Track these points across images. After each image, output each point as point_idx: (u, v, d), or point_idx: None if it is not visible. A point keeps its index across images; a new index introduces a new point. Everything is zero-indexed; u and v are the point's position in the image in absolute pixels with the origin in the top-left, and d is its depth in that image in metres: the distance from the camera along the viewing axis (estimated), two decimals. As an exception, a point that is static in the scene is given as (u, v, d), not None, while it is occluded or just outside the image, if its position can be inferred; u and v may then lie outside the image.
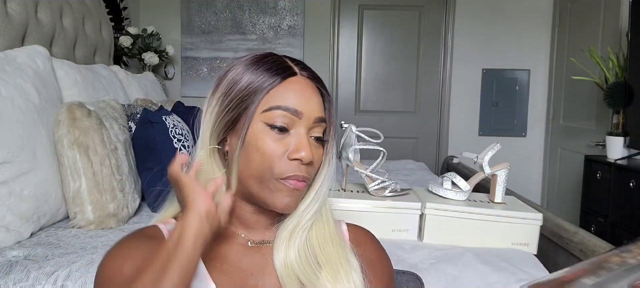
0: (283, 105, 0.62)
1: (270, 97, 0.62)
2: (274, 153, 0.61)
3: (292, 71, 0.65)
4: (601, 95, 2.49)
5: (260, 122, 0.62)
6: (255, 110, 0.62)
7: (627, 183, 2.12)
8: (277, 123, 0.62)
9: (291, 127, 0.63)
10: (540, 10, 3.48)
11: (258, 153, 0.62)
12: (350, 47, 3.64)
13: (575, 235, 1.24)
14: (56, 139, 1.40)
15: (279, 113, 0.62)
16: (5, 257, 1.16)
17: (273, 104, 0.62)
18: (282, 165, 0.62)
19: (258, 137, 0.62)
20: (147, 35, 3.16)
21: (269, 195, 0.63)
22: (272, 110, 0.62)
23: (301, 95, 0.63)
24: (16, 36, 1.72)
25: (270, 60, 0.65)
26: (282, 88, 0.63)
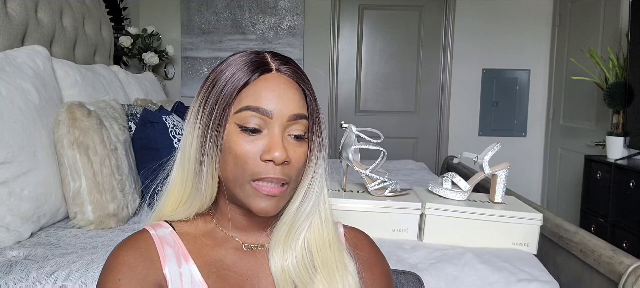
0: (253, 105, 0.60)
1: (242, 96, 0.61)
2: (247, 155, 0.60)
3: (267, 67, 0.62)
4: (601, 95, 2.49)
5: (233, 124, 0.61)
6: (229, 112, 0.61)
7: (627, 183, 2.12)
8: (248, 124, 0.60)
9: (264, 128, 0.60)
10: (540, 10, 3.48)
11: (232, 156, 0.60)
12: (350, 47, 3.64)
13: (575, 235, 1.24)
14: (56, 139, 1.40)
15: (250, 114, 0.60)
16: (5, 257, 1.16)
17: (244, 104, 0.60)
18: (255, 167, 0.60)
19: (231, 139, 0.60)
20: (147, 35, 3.16)
21: (246, 199, 0.61)
22: (243, 111, 0.60)
23: (273, 93, 0.61)
24: (16, 36, 1.72)
25: (248, 58, 0.63)
26: (254, 86, 0.61)
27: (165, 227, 0.65)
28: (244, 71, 0.61)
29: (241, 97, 0.61)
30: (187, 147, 0.64)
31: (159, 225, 0.66)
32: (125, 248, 0.61)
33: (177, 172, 0.66)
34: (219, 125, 0.61)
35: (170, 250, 0.62)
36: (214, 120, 0.61)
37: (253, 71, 0.61)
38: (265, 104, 0.60)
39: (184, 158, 0.64)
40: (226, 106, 0.60)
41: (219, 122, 0.61)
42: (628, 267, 1.02)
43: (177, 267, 0.61)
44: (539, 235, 1.29)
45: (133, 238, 0.63)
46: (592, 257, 1.14)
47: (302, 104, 0.63)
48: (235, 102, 0.61)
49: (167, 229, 0.65)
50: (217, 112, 0.61)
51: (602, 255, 1.11)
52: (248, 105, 0.60)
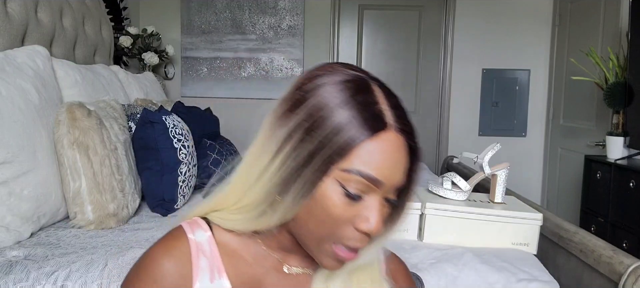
0: (363, 172, 0.52)
1: (353, 155, 0.52)
2: (340, 218, 0.53)
3: (383, 123, 0.53)
4: (601, 95, 2.49)
5: (333, 179, 0.53)
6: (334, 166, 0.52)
7: (627, 183, 2.12)
8: (351, 189, 0.52)
9: (366, 193, 0.53)
10: (540, 10, 3.48)
11: (322, 212, 0.53)
12: (350, 47, 3.63)
13: (575, 235, 1.24)
14: (56, 139, 1.40)
15: (357, 179, 0.52)
16: (5, 257, 1.16)
17: (353, 167, 0.52)
18: (345, 232, 0.54)
19: (327, 195, 0.53)
20: (147, 35, 3.16)
21: (317, 253, 0.56)
22: (351, 173, 0.52)
23: (387, 161, 0.53)
24: (16, 36, 1.72)
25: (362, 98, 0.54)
26: (369, 147, 0.52)
27: (204, 229, 0.61)
28: (360, 121, 0.52)
29: (351, 156, 0.52)
30: (262, 164, 0.55)
31: (198, 225, 0.61)
32: (160, 255, 0.58)
33: (240, 180, 0.59)
34: (318, 172, 0.52)
35: (204, 262, 0.59)
36: (313, 167, 0.52)
37: (369, 125, 0.52)
38: (377, 173, 0.52)
39: (253, 173, 0.56)
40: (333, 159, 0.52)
41: (319, 170, 0.52)
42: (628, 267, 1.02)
43: (209, 282, 0.58)
44: (539, 235, 1.29)
45: (171, 242, 0.59)
46: (592, 257, 1.14)
47: (407, 171, 0.56)
48: (344, 159, 0.52)
49: (205, 233, 0.60)
50: (320, 159, 0.52)
51: (602, 255, 1.11)
52: (359, 171, 0.52)
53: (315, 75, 0.56)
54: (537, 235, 1.29)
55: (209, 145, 1.93)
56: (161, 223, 1.53)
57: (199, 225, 0.61)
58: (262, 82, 3.60)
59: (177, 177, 1.70)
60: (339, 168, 0.52)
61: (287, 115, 0.55)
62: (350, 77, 0.56)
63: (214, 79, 3.62)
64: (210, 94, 3.59)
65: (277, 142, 0.54)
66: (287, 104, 0.56)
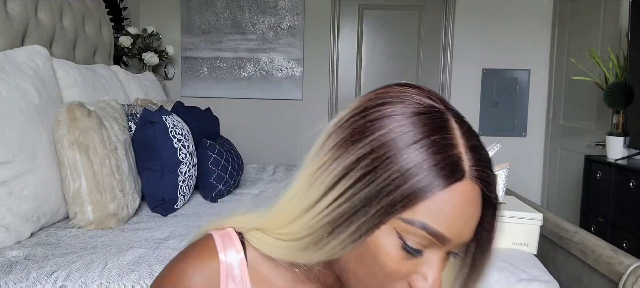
0: (429, 227, 0.44)
1: (420, 206, 0.44)
2: (394, 272, 0.46)
3: (460, 171, 0.45)
4: (601, 95, 2.49)
5: (392, 228, 0.45)
6: (394, 211, 0.44)
7: (627, 183, 2.12)
8: (411, 242, 0.45)
9: (426, 248, 0.46)
10: (540, 10, 3.48)
11: (374, 263, 0.46)
12: (350, 47, 3.63)
13: (575, 235, 1.24)
14: (56, 139, 1.40)
15: (421, 233, 0.45)
16: (5, 257, 1.16)
17: (417, 219, 0.44)
18: (395, 285, 0.47)
19: (381, 246, 0.45)
20: (147, 35, 3.16)
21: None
22: (414, 225, 0.44)
23: (459, 216, 0.45)
24: (16, 36, 1.72)
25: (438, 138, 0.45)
26: (440, 199, 0.44)
27: (238, 249, 0.55)
28: (432, 174, 0.44)
29: (418, 206, 0.44)
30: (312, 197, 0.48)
31: (231, 242, 0.55)
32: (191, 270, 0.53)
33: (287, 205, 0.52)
34: (374, 220, 0.45)
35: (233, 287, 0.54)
36: (369, 213, 0.45)
37: (444, 174, 0.44)
38: (445, 228, 0.45)
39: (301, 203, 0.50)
40: (395, 209, 0.44)
41: (377, 217, 0.45)
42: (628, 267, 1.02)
43: None
44: (539, 235, 1.29)
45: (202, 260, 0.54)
46: (592, 257, 1.14)
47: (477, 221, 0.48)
48: (409, 209, 0.45)
49: (238, 254, 0.55)
50: (379, 206, 0.45)
51: (602, 255, 1.11)
52: (424, 224, 0.44)
53: (383, 101, 0.48)
54: (537, 235, 1.29)
55: (209, 145, 1.93)
56: (161, 223, 1.53)
57: (232, 242, 0.55)
58: (262, 82, 3.60)
59: (177, 177, 1.70)
60: (401, 217, 0.45)
61: (346, 145, 0.47)
62: (424, 108, 0.47)
63: (214, 79, 3.62)
64: (210, 94, 3.59)
65: (331, 176, 0.47)
66: (348, 130, 0.48)
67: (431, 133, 0.45)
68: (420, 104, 0.47)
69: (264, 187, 2.19)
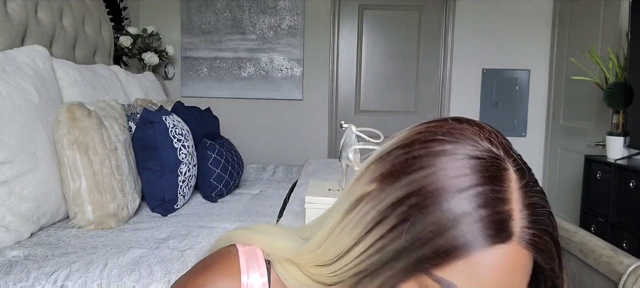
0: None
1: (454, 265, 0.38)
2: None
3: (507, 233, 0.38)
4: (601, 95, 2.49)
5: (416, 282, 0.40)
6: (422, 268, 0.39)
7: (627, 183, 2.12)
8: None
9: None
10: (540, 10, 3.48)
11: None
12: (350, 47, 3.63)
13: (575, 235, 1.24)
14: (56, 139, 1.40)
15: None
16: (5, 257, 1.16)
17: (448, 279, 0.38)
18: None
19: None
20: (147, 35, 3.16)
21: None
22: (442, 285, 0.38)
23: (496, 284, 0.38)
24: (16, 36, 1.72)
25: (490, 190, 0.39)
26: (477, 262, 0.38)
27: (261, 274, 0.51)
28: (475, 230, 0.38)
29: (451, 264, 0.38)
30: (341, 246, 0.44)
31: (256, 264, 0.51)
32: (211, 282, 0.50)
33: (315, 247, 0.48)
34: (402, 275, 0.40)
35: None
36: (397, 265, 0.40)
37: (486, 236, 0.38)
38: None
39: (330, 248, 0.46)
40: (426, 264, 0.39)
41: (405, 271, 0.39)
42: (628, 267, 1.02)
43: None
44: (539, 235, 1.29)
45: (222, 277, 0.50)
46: (592, 257, 1.14)
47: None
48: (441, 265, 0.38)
49: (261, 278, 0.51)
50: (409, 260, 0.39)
51: (602, 255, 1.11)
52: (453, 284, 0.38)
53: (433, 138, 0.42)
54: (537, 235, 1.28)
55: (209, 145, 1.93)
56: (161, 223, 1.53)
57: (257, 263, 0.51)
58: (262, 82, 3.60)
59: (177, 177, 1.70)
60: (429, 273, 0.39)
61: (383, 184, 0.42)
62: (479, 152, 0.40)
63: (214, 79, 3.62)
64: (210, 94, 3.59)
65: (365, 222, 0.42)
66: (388, 164, 0.43)
67: (481, 183, 0.39)
68: (475, 146, 0.41)
69: (264, 187, 2.19)
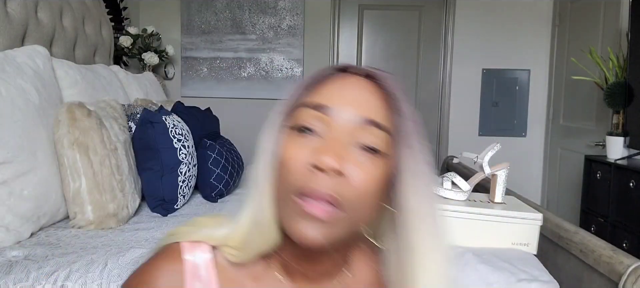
0: (310, 102, 0.49)
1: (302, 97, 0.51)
2: (294, 158, 0.47)
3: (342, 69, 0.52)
4: (601, 95, 2.49)
5: (287, 128, 0.50)
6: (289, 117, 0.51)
7: (627, 183, 2.12)
8: (301, 122, 0.49)
9: (321, 130, 0.48)
10: (540, 10, 3.48)
11: (279, 164, 0.49)
12: (350, 47, 3.63)
13: (575, 235, 1.24)
14: (56, 139, 1.40)
15: (304, 112, 0.49)
16: (5, 257, 1.16)
17: (299, 101, 0.51)
18: (299, 174, 0.47)
19: (282, 145, 0.49)
20: (147, 35, 3.16)
21: (288, 221, 0.48)
22: (298, 108, 0.50)
23: (339, 91, 0.50)
24: (16, 36, 1.72)
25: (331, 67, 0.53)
26: (319, 86, 0.51)
27: (205, 251, 0.54)
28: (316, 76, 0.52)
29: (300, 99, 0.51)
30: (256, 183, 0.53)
31: (199, 246, 0.54)
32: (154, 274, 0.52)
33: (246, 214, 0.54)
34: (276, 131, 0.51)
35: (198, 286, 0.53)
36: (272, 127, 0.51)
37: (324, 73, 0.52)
38: (327, 100, 0.49)
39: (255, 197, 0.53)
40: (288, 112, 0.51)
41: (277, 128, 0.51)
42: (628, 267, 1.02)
43: None
44: (539, 235, 1.29)
45: (166, 262, 0.53)
46: (592, 257, 1.14)
47: (381, 112, 0.49)
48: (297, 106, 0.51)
49: (205, 254, 0.54)
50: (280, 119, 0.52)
51: (602, 255, 1.11)
52: (304, 102, 0.50)
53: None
54: (537, 235, 1.29)
55: (209, 145, 1.93)
56: (161, 223, 1.53)
57: (200, 246, 0.55)
58: (262, 82, 3.60)
59: (177, 177, 1.70)
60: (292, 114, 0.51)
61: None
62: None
63: (214, 79, 3.62)
64: (210, 94, 3.59)
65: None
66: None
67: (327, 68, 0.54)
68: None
69: (264, 187, 2.19)
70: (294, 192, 0.47)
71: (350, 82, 0.50)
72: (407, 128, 0.50)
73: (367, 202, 0.48)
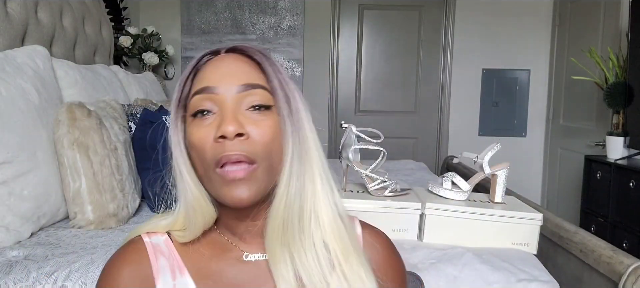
0: (198, 88, 0.57)
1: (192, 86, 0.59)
2: (202, 140, 0.55)
3: (214, 52, 0.61)
4: (601, 95, 2.49)
5: (187, 116, 0.58)
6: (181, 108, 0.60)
7: (627, 183, 2.12)
8: (197, 108, 0.56)
9: (215, 109, 0.56)
10: (540, 10, 3.48)
11: (193, 150, 0.57)
12: (350, 47, 3.64)
13: (575, 235, 1.24)
14: (56, 139, 1.40)
15: (197, 98, 0.57)
16: (5, 257, 1.16)
17: (190, 93, 0.58)
18: (212, 150, 0.55)
19: (188, 132, 0.58)
20: (147, 35, 3.16)
21: (219, 193, 0.56)
22: (192, 97, 0.58)
23: (217, 70, 0.58)
24: (16, 36, 1.72)
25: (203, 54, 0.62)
26: (199, 73, 0.59)
27: (161, 234, 0.63)
28: (192, 65, 0.60)
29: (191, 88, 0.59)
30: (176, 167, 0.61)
31: (155, 234, 0.63)
32: (117, 265, 0.59)
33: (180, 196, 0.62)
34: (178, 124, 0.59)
35: (164, 261, 0.59)
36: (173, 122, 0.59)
37: (200, 59, 0.60)
38: (210, 82, 0.57)
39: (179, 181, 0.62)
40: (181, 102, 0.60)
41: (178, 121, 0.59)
42: (628, 267, 1.02)
43: (171, 280, 0.58)
44: (539, 235, 1.29)
45: (126, 251, 0.61)
46: (592, 257, 1.14)
47: (255, 75, 0.58)
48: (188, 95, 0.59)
49: (162, 236, 0.62)
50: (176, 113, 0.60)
51: (602, 255, 1.11)
52: (193, 91, 0.58)
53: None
54: (537, 235, 1.29)
55: (209, 145, 1.93)
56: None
57: (156, 234, 0.63)
58: (262, 82, 3.59)
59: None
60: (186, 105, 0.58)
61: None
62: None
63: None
64: (210, 94, 3.59)
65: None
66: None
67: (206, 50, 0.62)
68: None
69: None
70: (213, 167, 0.55)
71: (223, 60, 0.59)
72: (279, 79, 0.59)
73: (272, 149, 0.56)
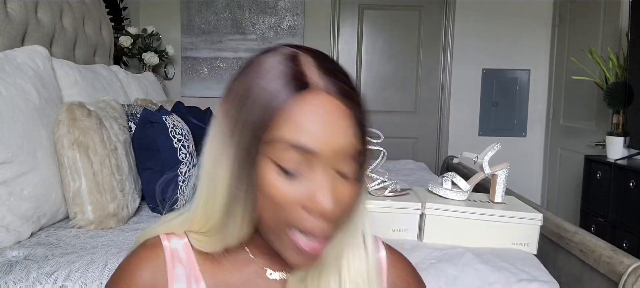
0: (291, 140, 0.46)
1: (276, 122, 0.46)
2: (285, 200, 0.47)
3: (304, 84, 0.47)
4: (601, 95, 2.49)
5: (265, 156, 0.47)
6: (259, 141, 0.47)
7: (627, 183, 2.12)
8: (284, 164, 0.46)
9: (307, 167, 0.47)
10: (540, 10, 3.48)
11: (267, 199, 0.48)
12: (350, 47, 3.64)
13: (575, 235, 1.24)
14: (56, 139, 1.40)
15: (289, 155, 0.46)
16: (5, 257, 1.16)
17: (278, 135, 0.46)
18: (296, 215, 0.47)
19: (266, 179, 0.47)
20: (147, 35, 3.16)
21: (282, 250, 0.50)
22: (277, 143, 0.46)
23: (319, 125, 0.46)
24: (16, 36, 1.72)
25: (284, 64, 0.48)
26: (291, 112, 0.46)
27: (181, 237, 0.58)
28: (278, 88, 0.47)
29: (274, 123, 0.46)
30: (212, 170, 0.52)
31: (175, 236, 0.58)
32: (134, 267, 0.56)
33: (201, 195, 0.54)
34: (246, 154, 0.48)
35: (180, 269, 0.56)
36: (243, 149, 0.48)
37: (288, 89, 0.46)
38: (307, 139, 0.45)
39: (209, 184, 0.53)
40: (257, 132, 0.47)
41: (247, 150, 0.47)
42: (628, 267, 1.02)
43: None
44: (539, 235, 1.29)
45: (144, 252, 0.57)
46: (592, 257, 1.14)
47: (358, 138, 0.48)
48: (263, 126, 0.47)
49: (181, 240, 0.57)
50: (245, 137, 0.47)
51: (602, 255, 1.11)
52: (284, 138, 0.46)
53: (248, 61, 0.52)
54: (537, 235, 1.29)
55: (209, 145, 1.93)
56: (161, 223, 1.53)
57: (175, 236, 0.58)
58: (262, 82, 3.59)
59: (177, 177, 1.70)
60: (266, 141, 0.46)
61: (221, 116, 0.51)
62: (277, 52, 0.51)
63: (214, 79, 3.62)
64: (210, 94, 3.59)
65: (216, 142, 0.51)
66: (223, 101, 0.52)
67: (278, 64, 0.48)
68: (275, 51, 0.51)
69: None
70: (286, 227, 0.48)
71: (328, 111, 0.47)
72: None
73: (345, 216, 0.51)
